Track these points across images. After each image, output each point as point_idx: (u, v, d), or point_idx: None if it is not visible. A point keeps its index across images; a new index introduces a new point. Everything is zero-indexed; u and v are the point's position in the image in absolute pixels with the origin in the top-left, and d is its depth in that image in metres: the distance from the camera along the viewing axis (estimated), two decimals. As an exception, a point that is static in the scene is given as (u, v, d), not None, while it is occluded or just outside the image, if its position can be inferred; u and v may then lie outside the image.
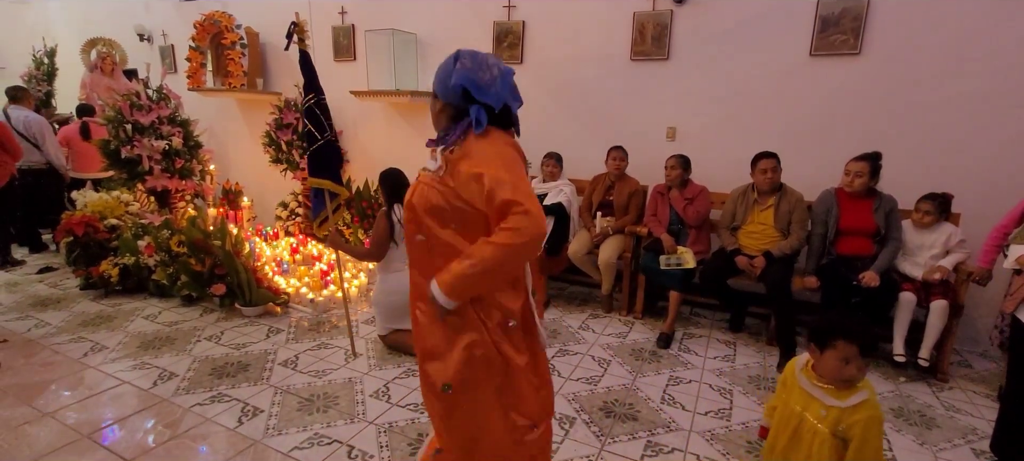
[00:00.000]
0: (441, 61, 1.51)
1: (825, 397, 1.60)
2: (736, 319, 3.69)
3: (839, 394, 1.58)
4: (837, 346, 1.54)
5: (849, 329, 1.54)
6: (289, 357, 3.07)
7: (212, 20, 5.34)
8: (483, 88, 1.39)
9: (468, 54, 1.42)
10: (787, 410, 1.71)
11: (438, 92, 1.48)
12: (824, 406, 1.60)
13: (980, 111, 3.28)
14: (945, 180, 3.30)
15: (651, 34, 4.05)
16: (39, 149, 4.84)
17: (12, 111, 4.83)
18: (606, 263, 3.77)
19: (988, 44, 3.21)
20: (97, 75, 5.88)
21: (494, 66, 1.42)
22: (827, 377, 1.60)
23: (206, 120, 5.61)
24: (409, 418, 2.49)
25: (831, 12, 3.51)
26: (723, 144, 3.95)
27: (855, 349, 1.52)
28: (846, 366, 1.54)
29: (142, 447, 2.24)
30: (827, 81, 3.62)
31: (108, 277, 3.91)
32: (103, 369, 2.87)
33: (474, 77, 1.39)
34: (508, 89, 1.44)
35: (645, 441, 2.38)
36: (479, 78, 1.39)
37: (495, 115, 1.43)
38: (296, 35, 2.96)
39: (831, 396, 1.59)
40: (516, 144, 1.47)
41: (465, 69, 1.39)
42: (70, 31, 7.12)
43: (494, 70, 1.41)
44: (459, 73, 1.39)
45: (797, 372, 1.70)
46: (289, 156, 5.24)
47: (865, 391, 1.58)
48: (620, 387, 2.86)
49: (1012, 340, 2.35)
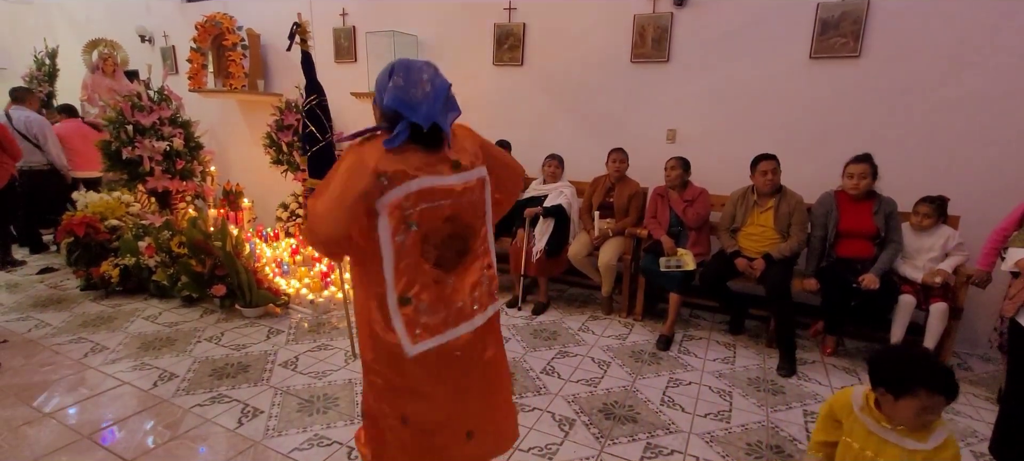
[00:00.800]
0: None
1: (902, 440, 1.44)
2: (736, 321, 3.70)
3: (918, 436, 1.43)
4: (919, 395, 1.37)
5: (935, 379, 1.36)
6: (289, 358, 3.07)
7: (213, 21, 5.35)
8: (413, 107, 1.38)
9: (403, 68, 1.41)
10: (852, 453, 1.55)
11: (376, 101, 1.49)
12: (905, 451, 1.44)
13: (979, 114, 3.29)
14: (944, 183, 3.30)
15: (651, 36, 4.06)
16: (40, 150, 4.85)
17: (13, 112, 4.83)
18: (606, 265, 3.77)
19: (987, 46, 3.21)
20: (98, 76, 5.90)
21: (428, 81, 1.40)
22: (905, 422, 1.43)
23: (207, 121, 5.62)
24: (409, 419, 2.49)
25: (831, 15, 3.52)
26: (723, 146, 3.96)
27: (941, 400, 1.36)
28: (927, 415, 1.39)
29: (142, 448, 2.24)
30: (827, 84, 3.62)
31: (108, 278, 3.92)
32: (103, 370, 2.88)
33: (404, 97, 1.38)
34: (441, 103, 1.41)
35: (645, 443, 2.39)
36: (411, 97, 1.38)
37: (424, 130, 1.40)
38: (298, 36, 2.97)
39: (909, 438, 1.44)
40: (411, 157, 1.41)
41: (397, 88, 1.38)
42: (72, 32, 7.14)
43: (427, 86, 1.39)
44: (391, 93, 1.39)
45: (857, 411, 1.54)
46: (290, 157, 5.24)
47: (945, 428, 1.43)
48: (620, 389, 2.86)
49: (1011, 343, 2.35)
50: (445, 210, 1.44)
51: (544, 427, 2.48)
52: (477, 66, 4.77)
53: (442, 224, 1.45)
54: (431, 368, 1.51)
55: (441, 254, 1.47)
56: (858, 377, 3.10)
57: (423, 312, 1.45)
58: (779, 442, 2.43)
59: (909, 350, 1.55)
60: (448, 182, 1.44)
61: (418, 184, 1.39)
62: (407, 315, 1.44)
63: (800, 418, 2.64)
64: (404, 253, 1.42)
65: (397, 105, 1.38)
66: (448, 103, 1.44)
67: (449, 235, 1.47)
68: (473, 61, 4.78)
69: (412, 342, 1.45)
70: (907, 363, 1.43)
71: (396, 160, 1.39)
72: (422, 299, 1.45)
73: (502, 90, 4.74)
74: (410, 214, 1.40)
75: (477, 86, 4.83)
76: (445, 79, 1.47)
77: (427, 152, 1.43)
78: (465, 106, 1.54)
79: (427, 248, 1.45)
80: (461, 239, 1.50)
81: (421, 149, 1.42)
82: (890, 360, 1.48)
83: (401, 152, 1.40)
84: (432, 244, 1.45)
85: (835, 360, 3.31)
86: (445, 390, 1.55)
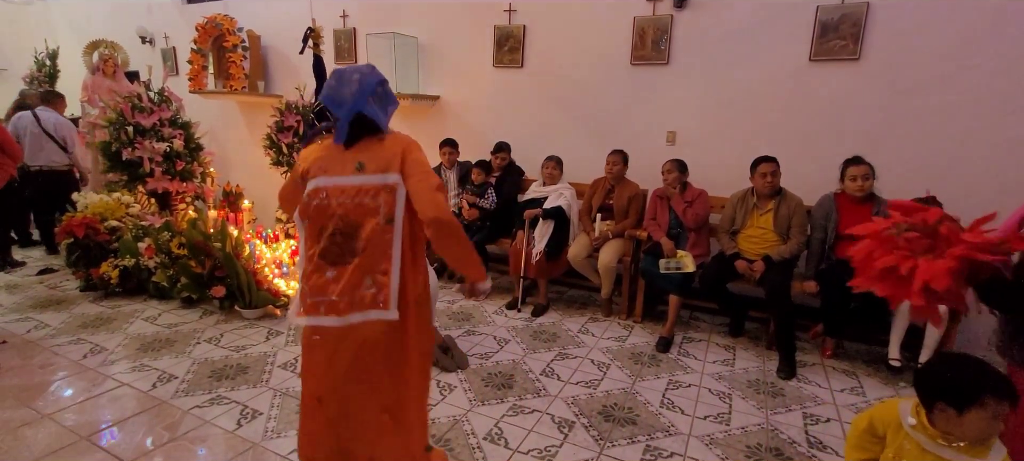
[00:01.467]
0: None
1: (958, 456, 1.36)
2: (736, 323, 3.69)
3: (975, 453, 1.35)
4: (986, 405, 1.28)
5: (999, 385, 1.29)
6: (289, 359, 3.07)
7: (214, 23, 5.35)
8: (339, 104, 1.59)
9: (337, 72, 1.63)
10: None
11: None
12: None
13: (979, 116, 3.29)
14: (944, 185, 3.29)
15: (651, 38, 4.06)
16: (65, 151, 4.95)
17: (41, 112, 4.92)
18: (606, 267, 3.77)
19: (987, 49, 3.22)
20: (99, 77, 5.89)
21: (357, 80, 1.59)
22: (970, 437, 1.34)
23: (207, 122, 5.62)
24: (408, 421, 2.49)
25: (830, 17, 3.52)
26: (723, 148, 3.96)
27: (1006, 404, 1.28)
28: (996, 422, 1.30)
29: (141, 449, 2.24)
30: (826, 86, 3.63)
31: (108, 279, 3.92)
32: (102, 371, 2.88)
33: (333, 95, 1.60)
34: (365, 97, 1.59)
35: (644, 445, 2.38)
36: (339, 95, 1.59)
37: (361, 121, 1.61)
38: (311, 40, 3.00)
39: (967, 456, 1.35)
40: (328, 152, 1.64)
41: (329, 88, 1.62)
42: (72, 33, 7.14)
43: (354, 85, 1.58)
44: (324, 92, 1.63)
45: (908, 428, 1.44)
46: (290, 159, 5.24)
47: (1000, 443, 1.36)
48: (619, 391, 2.86)
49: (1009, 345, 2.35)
50: (333, 208, 1.59)
51: (543, 429, 2.47)
52: (477, 68, 4.78)
53: (328, 220, 1.60)
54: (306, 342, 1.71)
55: (325, 248, 1.61)
56: (858, 379, 3.10)
57: (306, 293, 1.64)
58: (779, 444, 2.43)
59: (962, 358, 1.40)
60: (342, 182, 1.59)
61: (315, 183, 1.61)
62: (300, 292, 1.68)
63: (800, 421, 2.63)
64: (305, 241, 1.67)
65: (326, 102, 1.62)
66: (381, 98, 1.63)
67: (335, 231, 1.60)
68: (473, 63, 4.78)
69: (296, 314, 1.69)
70: (967, 372, 1.32)
71: (315, 157, 1.64)
72: (309, 281, 1.64)
73: (502, 92, 4.74)
74: (308, 207, 1.62)
75: (477, 88, 4.83)
76: (380, 75, 1.65)
77: (344, 150, 1.62)
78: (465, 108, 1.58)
79: (315, 239, 1.64)
80: (346, 237, 1.60)
81: (342, 147, 1.62)
82: (947, 372, 1.36)
83: (326, 149, 1.64)
84: (322, 236, 1.62)
85: (835, 362, 3.31)
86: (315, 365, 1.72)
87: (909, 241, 1.51)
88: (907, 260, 1.47)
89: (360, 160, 1.59)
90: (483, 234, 4.21)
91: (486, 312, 3.94)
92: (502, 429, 2.46)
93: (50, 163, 4.88)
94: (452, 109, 4.96)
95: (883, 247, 1.56)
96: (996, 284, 1.44)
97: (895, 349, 3.05)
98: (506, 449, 2.31)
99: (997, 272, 1.43)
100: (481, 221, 4.30)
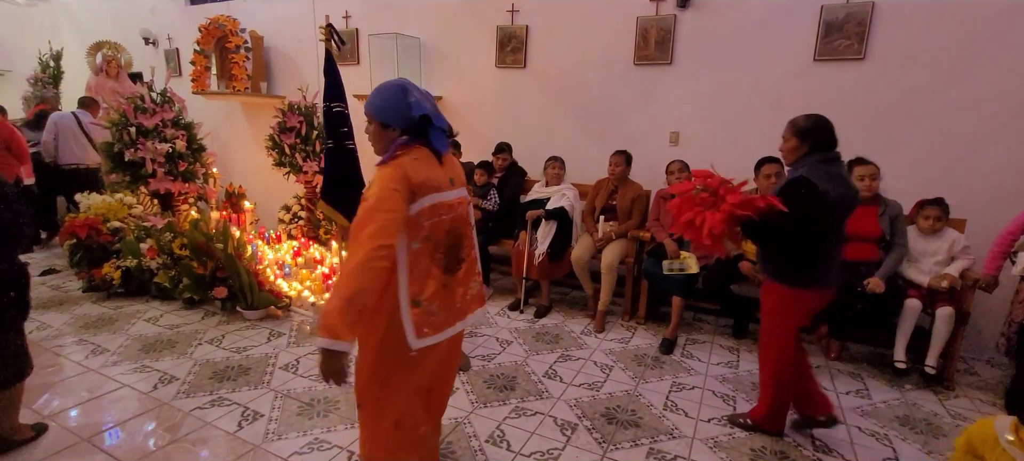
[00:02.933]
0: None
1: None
2: (739, 325, 3.67)
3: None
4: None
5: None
6: (290, 361, 3.06)
7: (217, 24, 5.36)
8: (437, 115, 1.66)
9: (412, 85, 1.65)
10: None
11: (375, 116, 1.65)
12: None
13: (985, 116, 3.26)
14: (950, 186, 3.27)
15: (654, 39, 4.04)
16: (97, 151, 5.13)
17: (81, 115, 5.28)
18: (608, 266, 3.75)
19: (993, 49, 3.19)
20: (102, 78, 5.92)
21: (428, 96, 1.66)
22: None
23: (210, 123, 5.63)
24: (410, 423, 2.48)
25: (835, 17, 3.50)
26: (726, 149, 3.93)
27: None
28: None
29: (142, 451, 2.23)
30: (831, 86, 3.60)
31: (110, 279, 3.92)
32: (104, 372, 2.87)
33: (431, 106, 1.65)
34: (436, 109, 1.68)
35: (648, 448, 2.36)
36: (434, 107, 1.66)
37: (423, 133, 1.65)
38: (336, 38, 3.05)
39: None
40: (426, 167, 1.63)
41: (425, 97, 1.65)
42: (76, 34, 7.17)
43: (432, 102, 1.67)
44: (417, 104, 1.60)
45: (1005, 444, 1.47)
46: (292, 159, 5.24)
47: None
48: (622, 393, 2.84)
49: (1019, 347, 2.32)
50: (446, 223, 1.64)
51: (546, 431, 2.46)
52: (479, 68, 4.77)
53: (445, 235, 1.64)
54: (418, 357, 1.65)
55: (446, 262, 1.66)
56: (863, 381, 3.08)
57: (431, 312, 1.62)
58: (784, 448, 2.40)
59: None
60: (448, 196, 1.64)
61: (432, 199, 1.58)
62: (421, 312, 1.59)
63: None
64: (417, 260, 1.58)
65: (428, 113, 1.58)
66: (437, 113, 1.66)
67: (450, 245, 1.66)
68: (475, 63, 4.77)
69: (417, 337, 1.60)
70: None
71: (421, 172, 1.56)
72: (434, 301, 1.62)
73: (504, 92, 4.73)
74: (422, 226, 1.57)
75: (479, 88, 4.82)
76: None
77: (437, 164, 1.63)
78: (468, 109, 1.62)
79: (437, 255, 1.63)
80: (455, 247, 1.68)
81: (435, 162, 1.62)
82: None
83: (425, 163, 1.58)
84: (438, 251, 1.63)
85: (840, 364, 3.28)
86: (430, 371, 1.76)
87: (702, 200, 2.16)
88: (699, 213, 2.13)
89: (450, 176, 1.67)
90: (485, 235, 4.20)
91: (488, 313, 3.92)
92: (504, 431, 2.45)
93: (85, 162, 5.25)
94: (455, 109, 4.95)
95: (687, 204, 2.20)
96: (749, 226, 2.14)
97: (901, 351, 3.02)
98: (508, 452, 2.30)
99: (752, 219, 2.10)
100: (483, 222, 4.28)
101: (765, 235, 2.16)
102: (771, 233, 2.13)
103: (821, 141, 2.22)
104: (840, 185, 2.14)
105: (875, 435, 2.55)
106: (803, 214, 2.06)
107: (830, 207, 2.10)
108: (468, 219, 1.76)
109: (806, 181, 2.10)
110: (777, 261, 2.26)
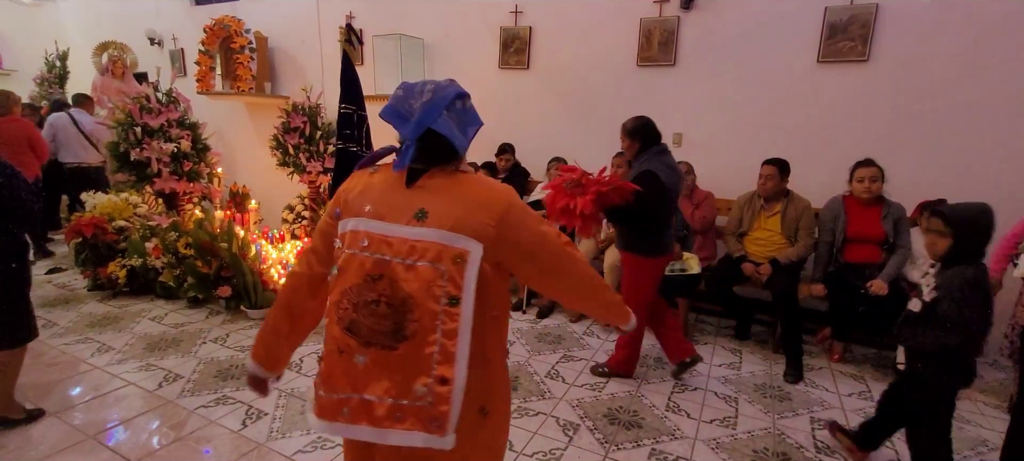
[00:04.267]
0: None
1: None
2: (742, 327, 3.67)
3: None
4: None
5: None
6: (294, 360, 3.07)
7: (221, 24, 5.39)
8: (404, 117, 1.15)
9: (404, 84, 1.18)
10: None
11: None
12: None
13: (989, 118, 3.25)
14: (954, 188, 3.26)
15: (658, 40, 4.04)
16: (98, 150, 5.23)
17: (77, 114, 5.26)
18: (610, 267, 3.75)
19: (998, 50, 3.18)
20: (108, 78, 5.94)
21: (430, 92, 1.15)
22: None
23: (214, 123, 5.65)
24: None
25: (839, 19, 3.49)
26: (730, 150, 3.94)
27: None
28: None
29: (147, 449, 2.25)
30: (835, 88, 3.60)
31: (115, 278, 3.94)
32: (109, 370, 2.89)
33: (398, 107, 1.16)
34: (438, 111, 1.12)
35: (650, 449, 2.37)
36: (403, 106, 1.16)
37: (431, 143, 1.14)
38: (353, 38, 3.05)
39: None
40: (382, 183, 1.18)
41: (394, 98, 1.17)
42: (82, 35, 7.21)
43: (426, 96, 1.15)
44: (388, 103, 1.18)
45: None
46: (296, 160, 5.26)
47: None
48: (624, 394, 2.84)
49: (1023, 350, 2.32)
50: (368, 265, 1.07)
51: (548, 432, 2.46)
52: (483, 69, 4.78)
53: (363, 281, 1.07)
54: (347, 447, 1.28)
55: (356, 319, 1.08)
56: (866, 384, 3.07)
57: (322, 382, 1.12)
58: (785, 449, 2.40)
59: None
60: (392, 231, 1.07)
61: (353, 224, 1.11)
62: (318, 377, 1.15)
63: (807, 425, 2.61)
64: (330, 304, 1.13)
65: (388, 115, 1.15)
66: (460, 114, 1.14)
67: (372, 301, 1.06)
68: (479, 64, 4.78)
69: (313, 412, 1.13)
70: None
71: (361, 189, 1.16)
72: (329, 365, 1.12)
73: (508, 93, 4.74)
74: (338, 254, 1.13)
75: (483, 89, 4.83)
76: (460, 88, 1.16)
77: (405, 186, 1.12)
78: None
79: (343, 304, 1.09)
80: (391, 313, 1.06)
81: (404, 181, 1.12)
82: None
83: (379, 180, 1.15)
84: (349, 301, 1.08)
85: (843, 367, 3.28)
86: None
87: (572, 190, 2.52)
88: (572, 199, 2.49)
89: (422, 206, 1.08)
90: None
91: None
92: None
93: (86, 161, 5.23)
94: (458, 110, 4.96)
95: (560, 194, 2.55)
96: (610, 210, 2.56)
97: (903, 353, 3.01)
98: (511, 452, 2.30)
99: (613, 203, 2.52)
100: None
101: (623, 216, 2.62)
102: (627, 214, 2.58)
103: (648, 137, 2.72)
104: (673, 173, 2.68)
105: (878, 437, 2.54)
106: (651, 198, 2.54)
107: (668, 191, 2.62)
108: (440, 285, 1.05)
109: (651, 173, 2.58)
110: (629, 237, 2.77)
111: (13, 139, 4.48)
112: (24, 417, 2.38)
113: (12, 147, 4.43)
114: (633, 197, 2.51)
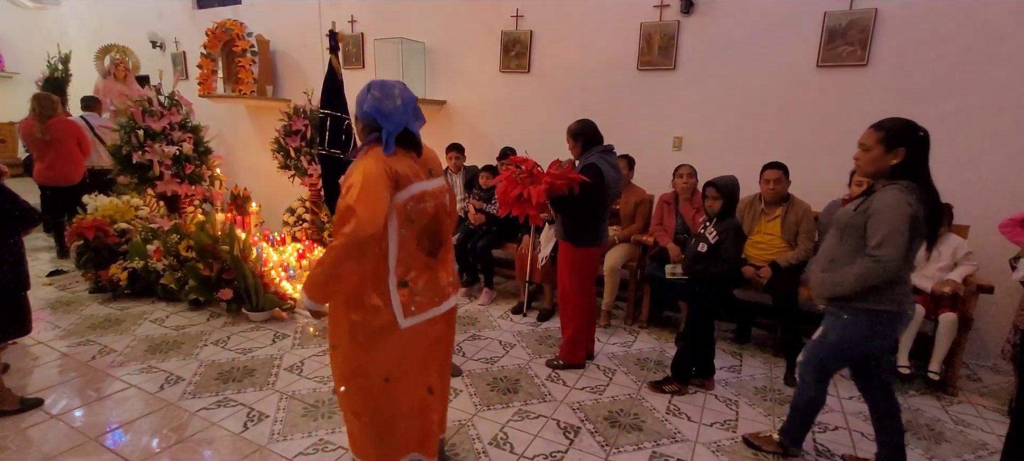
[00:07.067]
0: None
1: None
2: (742, 330, 3.68)
3: None
4: None
5: None
6: (295, 362, 3.08)
7: (223, 28, 5.41)
8: (387, 116, 1.66)
9: (378, 85, 1.69)
10: None
11: (356, 114, 1.75)
12: None
13: (988, 123, 3.27)
14: (953, 193, 3.27)
15: (658, 44, 4.06)
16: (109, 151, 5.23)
17: (89, 117, 5.34)
18: (611, 269, 3.76)
19: (996, 55, 3.20)
20: (110, 81, 5.97)
21: (398, 95, 1.68)
22: None
23: (216, 126, 5.67)
24: (413, 425, 2.49)
25: (838, 23, 3.51)
26: (730, 154, 3.95)
27: None
28: None
29: (148, 451, 2.25)
30: (834, 92, 3.61)
31: (117, 281, 3.95)
32: (110, 372, 2.90)
33: (380, 107, 1.65)
34: (409, 113, 1.70)
35: (650, 451, 2.37)
36: (385, 108, 1.65)
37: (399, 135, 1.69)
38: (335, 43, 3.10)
39: None
40: (406, 160, 1.71)
41: (374, 99, 1.67)
42: (84, 37, 7.23)
43: (397, 100, 1.67)
44: (369, 102, 1.67)
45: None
46: (297, 162, 5.27)
47: None
48: (625, 397, 2.85)
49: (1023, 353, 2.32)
50: (430, 209, 1.75)
51: (549, 434, 2.47)
52: (484, 73, 4.79)
53: (429, 221, 1.75)
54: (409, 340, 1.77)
55: (429, 246, 1.78)
56: (866, 387, 3.07)
57: (417, 292, 1.74)
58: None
59: None
60: (428, 186, 1.76)
61: (419, 187, 1.71)
62: (408, 293, 1.72)
63: (807, 428, 2.61)
64: (404, 244, 1.70)
65: (374, 113, 1.66)
66: (415, 113, 1.75)
67: (432, 231, 1.78)
68: (480, 68, 4.80)
69: (405, 317, 1.71)
70: None
71: (399, 165, 1.67)
72: (420, 280, 1.75)
73: (508, 97, 4.75)
74: (412, 212, 1.69)
75: (484, 93, 4.85)
76: (412, 93, 1.75)
77: (412, 159, 1.74)
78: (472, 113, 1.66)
79: (422, 239, 1.74)
80: (436, 232, 1.80)
81: (408, 156, 1.72)
82: None
83: (399, 158, 1.68)
84: (423, 237, 1.75)
85: (842, 370, 3.28)
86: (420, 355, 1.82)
87: (522, 180, 2.79)
88: (524, 189, 2.75)
89: (430, 168, 1.80)
90: (489, 239, 4.22)
91: (491, 316, 3.94)
92: (507, 434, 2.46)
93: (100, 163, 5.30)
94: (459, 114, 4.98)
95: (512, 184, 2.83)
96: (556, 199, 2.79)
97: (904, 356, 3.02)
98: (512, 454, 2.31)
99: (561, 192, 2.77)
100: (487, 226, 4.30)
101: (565, 204, 2.83)
102: (569, 203, 2.81)
103: (590, 137, 2.95)
104: (614, 171, 2.93)
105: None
106: (593, 190, 2.78)
107: (607, 186, 2.85)
108: (447, 206, 1.84)
109: (595, 166, 2.82)
110: (568, 226, 2.94)
111: (64, 138, 4.70)
112: (19, 408, 2.45)
113: (64, 145, 4.71)
114: (578, 187, 2.74)
